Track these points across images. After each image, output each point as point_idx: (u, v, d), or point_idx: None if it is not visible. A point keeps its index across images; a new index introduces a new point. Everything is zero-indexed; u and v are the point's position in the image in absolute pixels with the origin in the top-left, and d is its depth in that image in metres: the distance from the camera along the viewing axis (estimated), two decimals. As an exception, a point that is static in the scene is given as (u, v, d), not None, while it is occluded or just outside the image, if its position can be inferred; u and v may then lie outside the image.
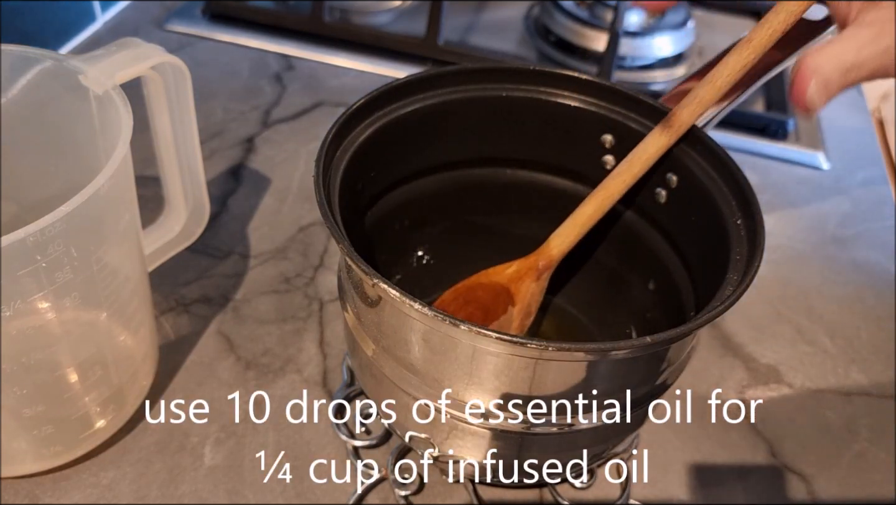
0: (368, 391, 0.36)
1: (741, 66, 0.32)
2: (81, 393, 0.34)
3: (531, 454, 0.33)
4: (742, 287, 0.28)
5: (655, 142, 0.34)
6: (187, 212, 0.42)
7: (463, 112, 0.38)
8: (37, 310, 0.30)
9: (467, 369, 0.29)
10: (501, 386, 0.29)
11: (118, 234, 0.32)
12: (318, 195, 0.30)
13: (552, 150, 0.40)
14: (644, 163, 0.35)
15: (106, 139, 0.34)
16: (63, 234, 0.28)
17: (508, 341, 0.26)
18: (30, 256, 0.28)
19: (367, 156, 0.35)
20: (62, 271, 0.29)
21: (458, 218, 0.43)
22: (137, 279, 0.36)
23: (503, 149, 0.40)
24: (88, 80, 0.33)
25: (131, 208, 0.34)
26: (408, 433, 0.34)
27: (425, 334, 0.29)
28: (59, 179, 0.38)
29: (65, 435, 0.35)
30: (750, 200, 0.31)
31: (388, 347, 0.31)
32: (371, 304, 0.31)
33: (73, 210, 0.27)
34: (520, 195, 0.41)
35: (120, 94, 0.32)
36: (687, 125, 0.34)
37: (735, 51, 0.32)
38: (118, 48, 0.34)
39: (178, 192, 0.41)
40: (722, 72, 0.33)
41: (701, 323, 0.27)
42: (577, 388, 0.29)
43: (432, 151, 0.39)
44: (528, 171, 0.41)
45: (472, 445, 0.32)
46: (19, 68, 0.34)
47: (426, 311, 0.26)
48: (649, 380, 0.32)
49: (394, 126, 0.36)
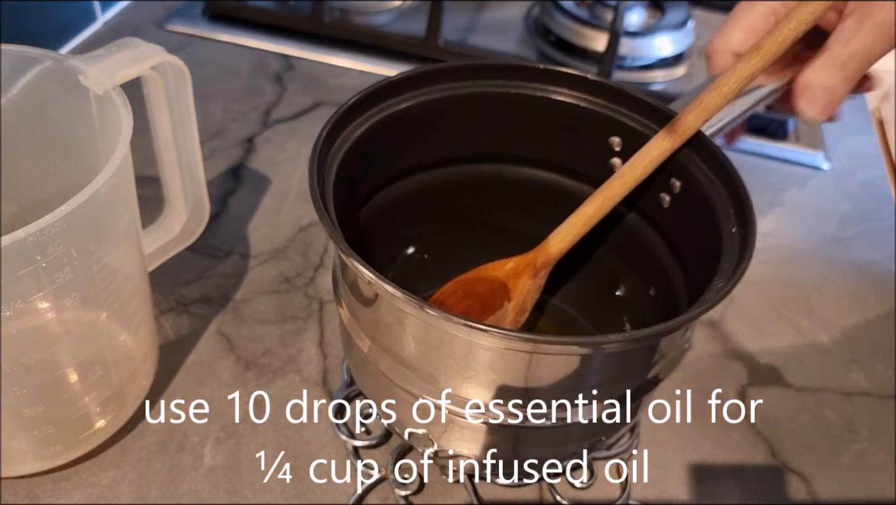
0: (365, 388, 0.36)
1: (749, 74, 0.32)
2: (81, 393, 0.34)
3: (527, 447, 0.33)
4: (722, 293, 0.28)
5: (659, 145, 0.34)
6: (187, 212, 0.42)
7: (466, 108, 0.38)
8: (37, 310, 0.30)
9: (461, 363, 0.29)
10: (496, 380, 0.29)
11: (118, 235, 0.32)
12: (313, 189, 0.30)
13: (557, 148, 0.40)
14: (646, 166, 0.35)
15: (106, 139, 0.34)
16: (63, 234, 0.28)
17: (496, 334, 0.26)
18: (30, 256, 0.28)
19: (363, 151, 0.35)
20: (62, 271, 0.29)
21: (456, 214, 0.43)
22: (137, 279, 0.36)
23: (505, 146, 0.40)
24: (88, 80, 0.33)
25: (131, 208, 0.34)
26: (406, 430, 0.34)
27: (418, 329, 0.30)
28: (59, 179, 0.37)
29: (65, 435, 0.35)
30: (746, 209, 0.31)
31: (383, 344, 0.32)
32: (365, 299, 0.31)
33: (73, 210, 0.27)
34: (520, 192, 0.41)
35: (120, 94, 0.32)
36: (692, 130, 0.34)
37: (744, 58, 0.32)
38: (118, 48, 0.34)
39: (178, 192, 0.41)
40: (729, 78, 0.32)
41: (673, 326, 0.27)
42: (569, 381, 0.30)
43: (430, 147, 0.39)
44: (531, 169, 0.41)
45: (469, 439, 0.33)
46: (19, 68, 0.34)
47: (416, 304, 0.26)
48: (640, 374, 0.32)
49: (391, 121, 0.36)
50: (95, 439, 0.37)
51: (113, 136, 0.31)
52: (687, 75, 0.68)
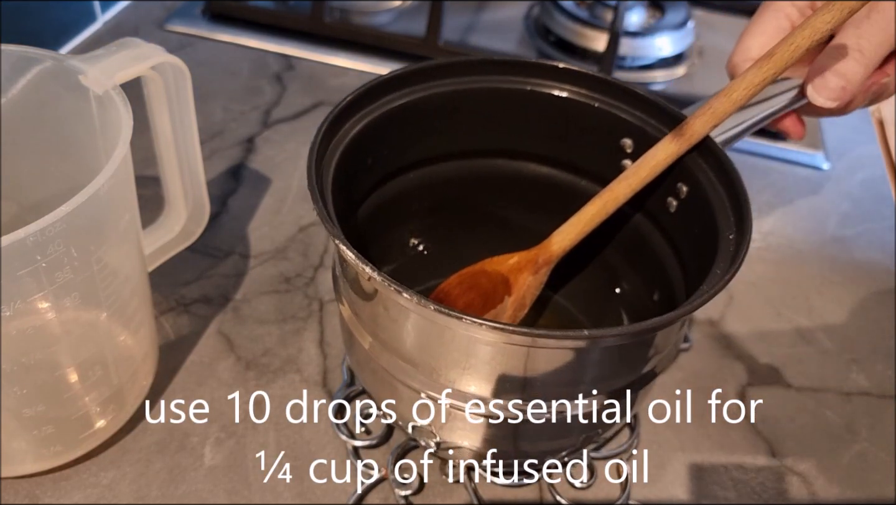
0: (367, 385, 0.36)
1: (760, 81, 0.32)
2: (81, 393, 0.34)
3: (527, 441, 0.34)
4: (705, 296, 0.28)
5: (665, 149, 0.34)
6: (187, 212, 0.42)
7: (475, 103, 0.38)
8: (37, 310, 0.30)
9: (460, 357, 0.30)
10: (494, 373, 0.30)
11: (118, 235, 0.32)
12: (311, 184, 0.30)
13: (569, 147, 0.40)
14: (651, 169, 0.34)
15: (106, 139, 0.34)
16: (63, 234, 0.28)
17: (491, 328, 0.26)
18: (30, 256, 0.28)
19: (363, 146, 0.35)
20: (62, 271, 0.29)
21: (463, 208, 0.43)
22: (137, 279, 0.36)
23: (516, 142, 0.40)
24: (88, 80, 0.33)
25: (131, 208, 0.34)
26: (409, 424, 0.34)
27: (416, 323, 0.30)
28: (59, 179, 0.37)
29: (65, 435, 0.35)
30: (745, 215, 0.31)
31: (383, 340, 0.32)
32: (364, 295, 0.31)
33: (73, 210, 0.27)
34: (530, 188, 0.41)
35: (120, 95, 0.32)
36: (699, 136, 0.34)
37: (755, 65, 0.32)
38: (118, 48, 0.34)
39: (179, 192, 0.41)
40: (739, 85, 0.32)
41: (653, 325, 0.27)
42: (564, 374, 0.30)
43: (441, 140, 0.39)
44: (541, 166, 0.41)
45: (471, 433, 0.33)
46: (19, 68, 0.34)
47: (414, 299, 0.26)
48: (634, 370, 0.32)
49: (397, 114, 0.36)
50: (95, 439, 0.37)
51: (113, 136, 0.31)
52: (687, 75, 0.68)
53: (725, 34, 0.75)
